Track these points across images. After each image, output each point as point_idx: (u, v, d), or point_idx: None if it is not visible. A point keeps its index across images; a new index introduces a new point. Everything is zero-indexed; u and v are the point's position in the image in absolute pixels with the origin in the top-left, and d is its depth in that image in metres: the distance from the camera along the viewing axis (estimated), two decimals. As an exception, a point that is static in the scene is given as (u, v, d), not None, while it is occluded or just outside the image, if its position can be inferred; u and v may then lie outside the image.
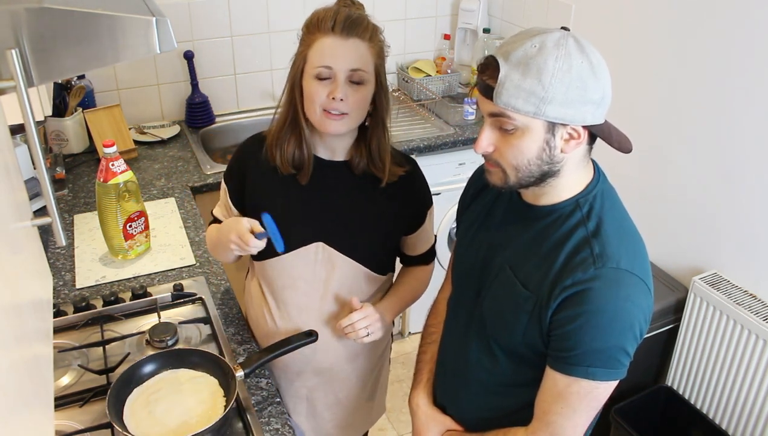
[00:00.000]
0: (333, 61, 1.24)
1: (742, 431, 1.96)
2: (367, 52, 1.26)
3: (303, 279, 1.41)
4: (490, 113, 1.00)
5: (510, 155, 1.01)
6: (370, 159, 1.36)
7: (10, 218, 0.67)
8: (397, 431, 2.57)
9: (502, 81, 0.96)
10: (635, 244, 1.06)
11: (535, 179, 1.04)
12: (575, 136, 1.00)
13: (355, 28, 1.24)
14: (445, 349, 1.34)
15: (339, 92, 1.24)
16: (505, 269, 1.12)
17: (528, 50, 0.95)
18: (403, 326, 3.02)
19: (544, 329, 1.05)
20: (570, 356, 1.02)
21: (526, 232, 1.11)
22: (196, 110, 2.63)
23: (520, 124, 0.98)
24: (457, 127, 2.66)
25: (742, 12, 1.83)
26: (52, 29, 0.77)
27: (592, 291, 0.99)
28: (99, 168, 1.64)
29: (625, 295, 1.00)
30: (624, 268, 1.00)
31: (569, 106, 0.96)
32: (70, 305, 1.55)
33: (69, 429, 1.23)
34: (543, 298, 1.04)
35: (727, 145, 1.94)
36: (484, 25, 2.91)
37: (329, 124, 1.28)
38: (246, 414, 1.29)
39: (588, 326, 1.00)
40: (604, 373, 1.02)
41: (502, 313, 1.12)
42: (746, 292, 1.94)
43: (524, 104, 0.96)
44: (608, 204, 1.08)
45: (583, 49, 0.96)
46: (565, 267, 1.02)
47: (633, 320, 1.00)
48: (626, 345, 1.01)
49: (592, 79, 0.96)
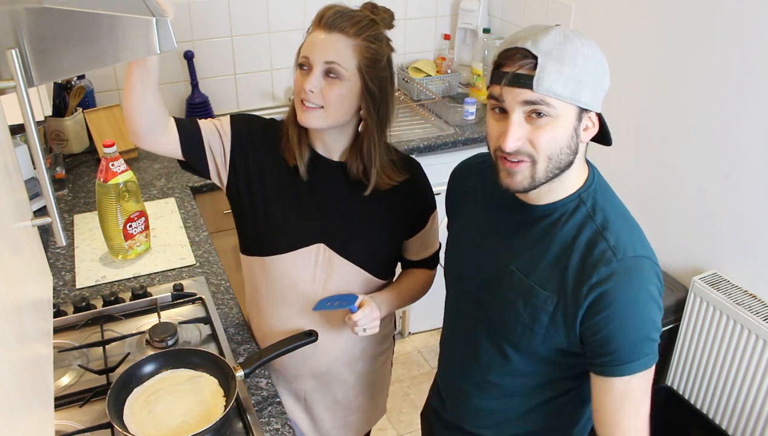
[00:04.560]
0: (310, 51, 1.24)
1: (742, 431, 1.96)
2: (347, 47, 1.23)
3: (303, 280, 1.40)
4: (525, 101, 0.98)
5: (545, 144, 0.99)
6: (362, 166, 1.35)
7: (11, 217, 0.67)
8: (397, 431, 2.57)
9: (543, 67, 0.96)
10: (638, 230, 1.08)
11: (558, 172, 1.03)
12: (590, 126, 1.03)
13: (340, 24, 1.23)
14: (450, 354, 1.33)
15: (309, 83, 1.24)
16: (513, 273, 1.11)
17: (556, 38, 0.97)
18: (403, 326, 3.02)
19: (574, 330, 1.05)
20: (615, 358, 1.02)
21: (529, 233, 1.10)
22: (196, 110, 2.62)
23: (555, 112, 0.98)
24: (457, 128, 2.66)
25: (742, 12, 1.83)
26: (52, 29, 0.77)
27: (619, 287, 1.00)
28: (99, 168, 1.64)
29: (647, 280, 1.01)
30: (640, 254, 1.02)
31: (595, 91, 0.99)
32: (70, 305, 1.55)
33: (69, 429, 1.23)
34: (567, 298, 1.04)
35: (727, 144, 1.94)
36: (484, 25, 2.91)
37: (305, 116, 1.27)
38: (246, 414, 1.29)
39: (623, 323, 1.00)
40: (650, 358, 1.03)
41: (517, 317, 1.10)
42: (746, 292, 1.94)
43: (563, 89, 0.96)
44: (608, 196, 1.09)
45: (589, 39, 1.01)
46: (585, 264, 1.02)
47: (657, 298, 1.02)
48: (657, 322, 1.03)
49: (605, 65, 1.01)
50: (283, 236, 1.38)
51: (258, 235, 1.41)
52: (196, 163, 1.36)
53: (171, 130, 1.31)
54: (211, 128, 1.36)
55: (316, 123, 1.28)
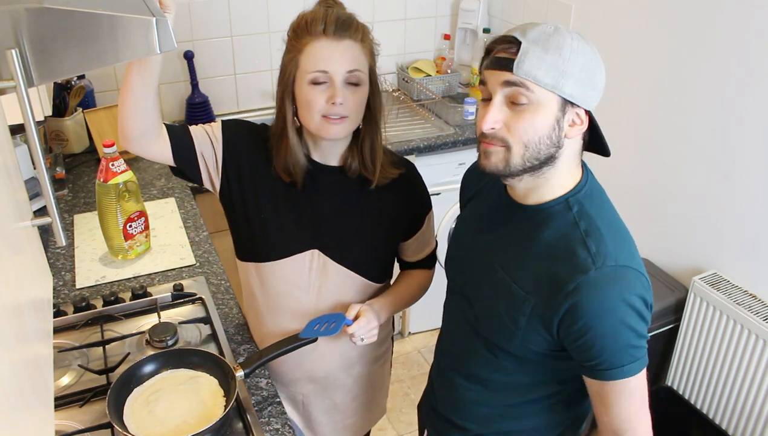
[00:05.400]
0: (328, 64, 1.21)
1: (742, 431, 1.96)
2: (360, 52, 1.24)
3: (297, 287, 1.39)
4: (505, 82, 0.99)
5: (521, 130, 1.00)
6: (362, 161, 1.34)
7: (11, 217, 0.67)
8: (396, 431, 2.57)
9: (525, 51, 0.97)
10: (628, 240, 1.07)
11: (538, 163, 1.02)
12: (578, 123, 1.02)
13: (347, 29, 1.22)
14: (442, 346, 1.34)
15: (339, 96, 1.21)
16: (497, 271, 1.11)
17: (545, 29, 0.98)
18: (403, 326, 3.02)
19: (551, 334, 1.05)
20: (600, 363, 1.02)
21: (516, 232, 1.11)
22: (196, 110, 2.62)
23: (536, 99, 0.98)
24: (457, 127, 2.66)
25: (742, 12, 1.83)
26: (52, 29, 0.77)
27: (595, 297, 0.99)
28: (99, 168, 1.64)
29: (627, 290, 1.00)
30: (622, 264, 1.01)
31: (582, 86, 0.99)
32: (70, 305, 1.55)
33: (69, 429, 1.23)
34: (544, 301, 1.04)
35: (727, 144, 1.94)
36: (484, 25, 2.91)
37: (330, 129, 1.25)
38: (246, 414, 1.29)
39: (600, 333, 1.00)
40: (637, 364, 1.03)
41: (498, 315, 1.11)
42: (746, 292, 1.94)
43: (545, 76, 0.97)
44: (597, 203, 1.08)
45: (586, 39, 1.01)
46: (564, 270, 1.02)
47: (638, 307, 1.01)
48: (640, 330, 1.02)
49: (599, 66, 1.01)
50: (276, 243, 1.37)
51: (252, 241, 1.39)
52: (187, 169, 1.34)
53: (163, 136, 1.29)
54: (203, 134, 1.34)
55: (342, 133, 1.27)
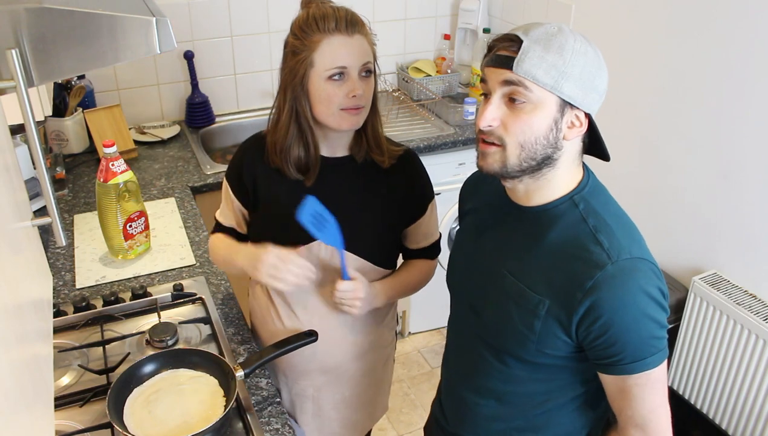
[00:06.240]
0: (347, 60, 1.27)
1: (742, 431, 1.96)
2: (367, 44, 1.31)
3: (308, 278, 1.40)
4: (505, 81, 0.98)
5: (518, 130, 0.99)
6: (368, 145, 1.40)
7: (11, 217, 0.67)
8: (397, 431, 2.57)
9: (525, 50, 0.96)
10: (636, 233, 1.06)
11: (535, 164, 1.01)
12: (577, 125, 1.01)
13: (356, 24, 1.28)
14: (450, 362, 1.31)
15: (358, 89, 1.28)
16: (505, 276, 1.10)
17: (548, 29, 0.98)
18: (403, 326, 3.02)
19: (569, 335, 1.03)
20: (622, 359, 1.02)
21: (522, 235, 1.09)
22: (196, 110, 2.63)
23: (534, 98, 0.97)
24: (457, 127, 2.66)
25: (741, 12, 1.83)
26: (52, 29, 0.77)
27: (616, 291, 0.98)
28: (99, 168, 1.64)
29: (645, 281, 1.00)
30: (637, 256, 1.01)
31: (582, 88, 0.98)
32: (70, 305, 1.55)
33: (69, 429, 1.23)
34: (560, 302, 1.02)
35: (726, 144, 1.94)
36: (484, 25, 2.91)
37: (350, 120, 1.31)
38: (246, 414, 1.29)
39: (623, 328, 0.99)
40: (658, 356, 1.03)
41: (510, 321, 1.09)
42: (746, 292, 1.94)
43: (544, 75, 0.96)
44: (602, 199, 1.08)
45: (589, 42, 1.01)
46: (579, 268, 1.00)
47: (658, 298, 1.01)
48: (661, 320, 1.03)
49: (601, 69, 1.00)
50: (283, 234, 1.38)
51: (259, 233, 1.42)
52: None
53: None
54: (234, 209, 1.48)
55: (361, 123, 1.34)
